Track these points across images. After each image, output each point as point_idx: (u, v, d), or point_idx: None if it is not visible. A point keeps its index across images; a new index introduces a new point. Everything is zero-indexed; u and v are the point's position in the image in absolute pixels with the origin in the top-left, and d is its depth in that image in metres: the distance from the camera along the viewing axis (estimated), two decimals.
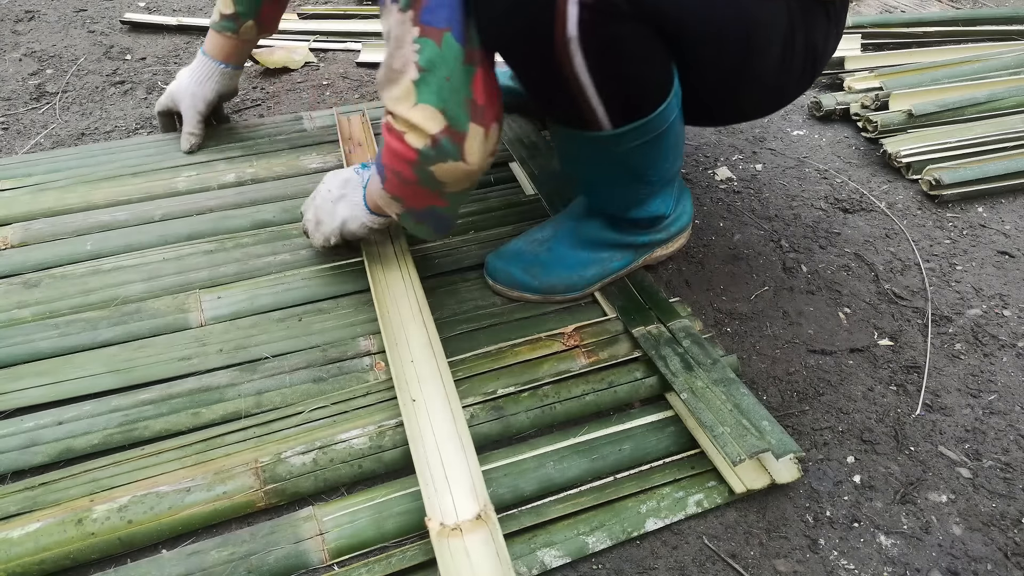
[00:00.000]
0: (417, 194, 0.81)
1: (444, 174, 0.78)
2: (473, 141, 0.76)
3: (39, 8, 1.66)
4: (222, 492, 0.72)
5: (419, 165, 0.77)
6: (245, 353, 0.87)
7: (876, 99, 1.37)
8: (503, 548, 0.66)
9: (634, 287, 0.96)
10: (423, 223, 0.87)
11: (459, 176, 0.78)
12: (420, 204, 0.83)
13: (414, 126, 0.74)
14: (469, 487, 0.71)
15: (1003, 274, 1.06)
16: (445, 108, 0.73)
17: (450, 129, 0.74)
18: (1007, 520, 0.75)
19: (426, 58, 0.71)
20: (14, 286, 0.94)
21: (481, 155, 0.77)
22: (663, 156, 0.86)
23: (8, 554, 0.66)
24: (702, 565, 0.71)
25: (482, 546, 0.66)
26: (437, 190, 0.80)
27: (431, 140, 0.75)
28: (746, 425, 0.76)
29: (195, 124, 1.18)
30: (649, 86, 0.78)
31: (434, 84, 0.72)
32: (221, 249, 1.01)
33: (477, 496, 0.70)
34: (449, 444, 0.74)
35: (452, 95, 0.73)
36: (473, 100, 0.74)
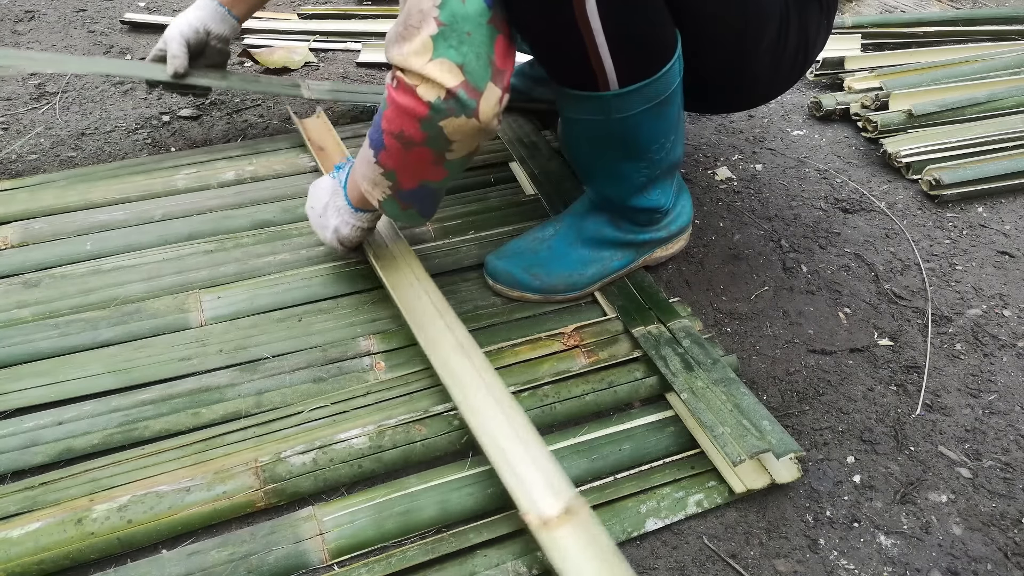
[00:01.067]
0: (416, 162, 0.78)
1: (454, 130, 0.74)
2: (490, 98, 0.73)
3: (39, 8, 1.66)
4: (222, 492, 0.72)
5: (429, 120, 0.73)
6: (245, 353, 0.87)
7: (876, 99, 1.37)
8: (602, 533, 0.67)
9: (634, 287, 0.96)
10: (410, 206, 0.84)
11: (469, 133, 0.75)
12: (413, 180, 0.80)
13: (428, 79, 0.71)
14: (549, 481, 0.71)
15: (1003, 274, 1.06)
16: (465, 63, 0.71)
17: (468, 84, 0.71)
18: (1007, 520, 0.75)
19: (448, 12, 0.69)
20: (14, 286, 0.94)
21: (494, 115, 0.74)
22: (665, 130, 0.86)
23: (8, 554, 0.66)
24: (702, 565, 0.71)
25: (585, 533, 0.67)
26: (441, 153, 0.77)
27: (446, 92, 0.71)
28: (746, 425, 0.76)
29: (178, 47, 1.11)
30: (656, 43, 0.79)
31: (454, 39, 0.70)
32: (221, 249, 1.01)
33: (558, 491, 0.70)
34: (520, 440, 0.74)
35: (473, 51, 0.71)
36: (493, 61, 0.72)
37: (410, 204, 0.84)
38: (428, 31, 0.70)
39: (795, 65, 0.90)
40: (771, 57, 0.86)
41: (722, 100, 0.99)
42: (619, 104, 0.82)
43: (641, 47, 0.79)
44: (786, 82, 0.94)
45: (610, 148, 0.88)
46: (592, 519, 0.68)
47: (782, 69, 0.89)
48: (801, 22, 0.85)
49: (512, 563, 0.68)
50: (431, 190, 0.83)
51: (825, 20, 0.89)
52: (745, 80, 0.92)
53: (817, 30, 0.87)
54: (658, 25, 0.78)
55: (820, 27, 0.88)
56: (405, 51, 0.71)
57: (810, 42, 0.87)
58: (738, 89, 0.95)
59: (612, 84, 0.80)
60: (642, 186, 0.91)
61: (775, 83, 0.94)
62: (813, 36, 0.87)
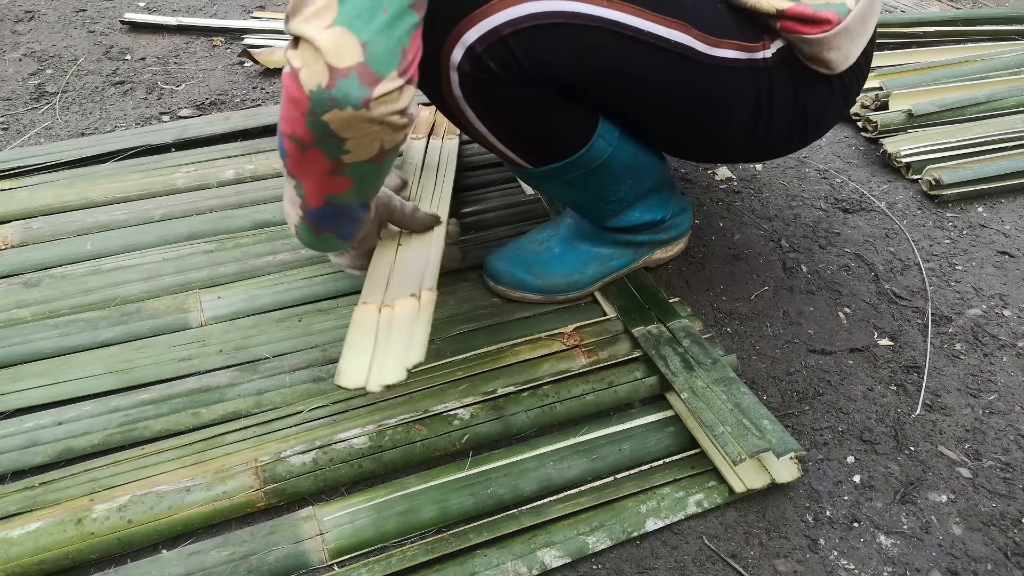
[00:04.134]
0: (313, 170, 0.65)
1: (342, 125, 0.60)
2: (389, 88, 0.58)
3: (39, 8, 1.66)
4: (222, 492, 0.72)
5: (311, 113, 0.59)
6: (245, 353, 0.87)
7: (876, 99, 1.37)
8: (426, 314, 0.73)
9: (634, 287, 0.96)
10: (324, 229, 0.73)
11: (362, 130, 0.61)
12: (317, 196, 0.68)
13: (316, 55, 0.56)
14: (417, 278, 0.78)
15: (1003, 274, 1.06)
16: (369, 41, 0.57)
17: (365, 67, 0.57)
18: (1007, 520, 0.75)
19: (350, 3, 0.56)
20: (14, 286, 0.94)
21: (388, 110, 0.60)
22: (612, 182, 0.86)
23: (8, 554, 0.66)
24: (702, 565, 0.71)
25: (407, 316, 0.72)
26: (336, 156, 0.63)
27: (329, 77, 0.57)
28: (746, 424, 0.76)
29: None
30: (555, 137, 0.79)
31: (363, 6, 0.56)
32: (221, 249, 1.01)
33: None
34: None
35: (383, 29, 0.57)
36: (405, 48, 0.59)
37: (322, 228, 0.73)
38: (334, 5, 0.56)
39: (791, 139, 0.87)
40: (746, 137, 0.83)
41: (701, 157, 0.97)
42: (547, 175, 0.83)
43: (539, 142, 0.79)
44: (779, 152, 0.91)
45: (563, 193, 0.90)
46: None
47: (769, 144, 0.86)
48: (798, 103, 0.81)
49: (512, 563, 0.68)
50: (339, 207, 0.71)
51: (841, 99, 0.85)
52: (716, 155, 0.94)
53: (825, 107, 0.84)
54: (549, 123, 0.77)
55: (830, 105, 0.84)
56: (304, 14, 0.57)
57: (812, 118, 0.84)
58: (711, 157, 0.96)
59: (527, 166, 0.82)
60: (616, 212, 0.91)
61: (761, 153, 0.92)
62: (818, 112, 0.84)
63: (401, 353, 0.70)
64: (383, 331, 0.73)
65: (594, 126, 0.79)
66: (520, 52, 0.69)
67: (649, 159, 0.87)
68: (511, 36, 0.68)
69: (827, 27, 0.74)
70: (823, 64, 0.77)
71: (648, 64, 0.73)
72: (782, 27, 0.75)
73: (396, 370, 0.68)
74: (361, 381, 0.67)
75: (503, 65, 0.70)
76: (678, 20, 0.72)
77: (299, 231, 0.75)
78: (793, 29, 0.74)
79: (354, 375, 0.68)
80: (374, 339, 0.72)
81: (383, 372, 0.68)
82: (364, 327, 0.73)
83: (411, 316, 0.74)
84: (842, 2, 0.74)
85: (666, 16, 0.72)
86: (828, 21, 0.74)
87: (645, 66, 0.74)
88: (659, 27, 0.72)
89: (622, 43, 0.71)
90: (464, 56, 0.69)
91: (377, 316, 0.75)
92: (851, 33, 0.76)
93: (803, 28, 0.74)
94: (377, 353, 0.70)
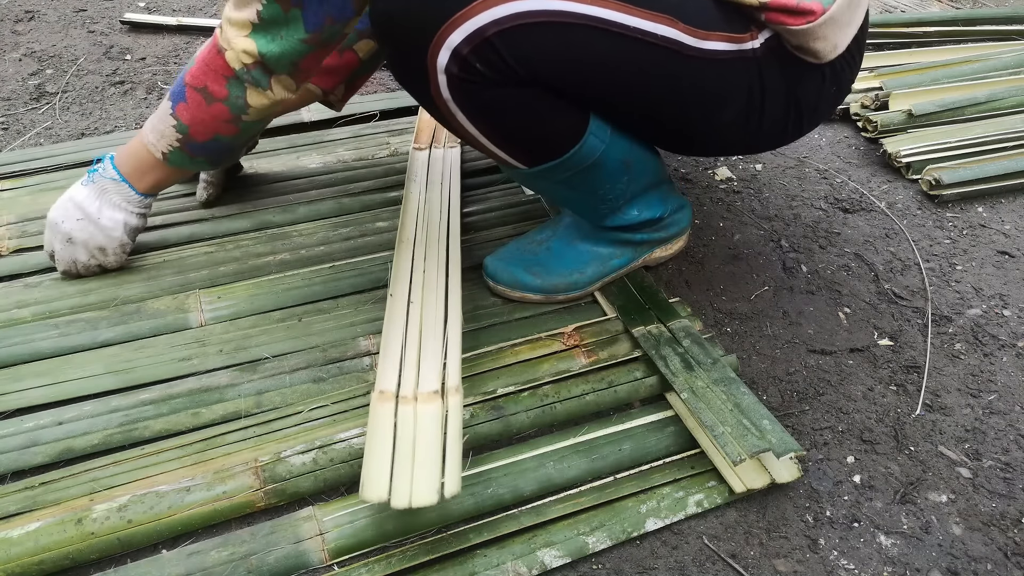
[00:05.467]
0: (212, 118, 0.83)
1: (253, 99, 0.81)
2: (283, 82, 0.81)
3: (39, 8, 1.66)
4: (222, 492, 0.72)
5: (233, 82, 0.80)
6: (245, 353, 0.87)
7: (876, 99, 1.37)
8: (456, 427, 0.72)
9: (634, 287, 0.96)
10: (198, 156, 0.87)
11: (262, 106, 0.82)
12: (206, 133, 0.84)
13: (237, 50, 0.77)
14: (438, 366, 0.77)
15: (1003, 274, 1.06)
16: (267, 53, 0.77)
17: (264, 66, 0.78)
18: (1007, 520, 0.75)
19: (268, 14, 0.74)
20: (14, 286, 0.94)
21: (284, 96, 0.82)
22: (607, 180, 0.86)
23: (8, 554, 0.66)
24: (702, 565, 0.71)
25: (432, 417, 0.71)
26: (238, 114, 0.82)
27: (245, 67, 0.78)
28: (746, 425, 0.76)
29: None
30: (546, 136, 0.79)
31: (267, 35, 0.76)
32: (221, 250, 1.01)
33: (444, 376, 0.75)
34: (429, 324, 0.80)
35: (281, 49, 0.77)
36: (297, 64, 0.79)
37: (199, 155, 0.87)
38: (250, 16, 0.75)
39: (786, 129, 0.86)
40: (741, 129, 0.83)
41: (697, 152, 0.98)
42: (541, 175, 0.83)
43: (530, 141, 0.79)
44: (774, 144, 0.91)
45: (557, 193, 0.90)
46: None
47: (763, 135, 0.86)
48: (790, 92, 0.81)
49: (512, 563, 0.68)
50: (224, 144, 0.86)
51: (834, 86, 0.84)
52: (711, 147, 0.94)
53: (818, 96, 0.84)
54: (540, 121, 0.77)
55: (823, 94, 0.84)
56: (233, 17, 0.76)
57: (805, 107, 0.84)
58: (706, 149, 0.96)
59: (521, 165, 0.82)
60: (613, 211, 0.91)
61: (757, 145, 0.92)
62: (812, 101, 0.84)
63: (431, 468, 0.67)
64: (405, 434, 0.71)
65: (585, 123, 0.79)
66: (506, 52, 0.69)
67: (644, 155, 0.87)
68: (496, 36, 0.68)
69: (811, 17, 0.73)
70: (811, 54, 0.77)
71: (636, 59, 0.73)
72: (767, 18, 0.75)
73: (428, 493, 0.65)
74: (384, 494, 0.65)
75: (490, 65, 0.70)
76: (664, 14, 0.72)
77: (170, 155, 0.87)
78: (778, 20, 0.74)
79: (378, 487, 0.66)
80: (394, 442, 0.70)
81: (413, 491, 0.65)
82: (383, 429, 0.71)
83: (436, 419, 0.72)
84: None
85: (652, 11, 0.72)
86: (812, 12, 0.73)
87: (633, 62, 0.74)
88: (645, 22, 0.71)
89: (609, 39, 0.71)
90: (450, 59, 0.69)
91: (395, 413, 0.73)
92: (838, 22, 0.75)
93: (787, 19, 0.74)
94: (401, 460, 0.68)
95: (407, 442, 0.70)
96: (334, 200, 1.11)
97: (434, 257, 0.93)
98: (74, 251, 0.91)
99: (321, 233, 1.05)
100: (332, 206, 1.10)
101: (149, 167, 0.89)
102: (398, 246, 0.95)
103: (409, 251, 0.94)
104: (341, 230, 1.06)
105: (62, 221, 0.90)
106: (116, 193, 0.90)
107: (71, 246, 0.91)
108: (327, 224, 1.07)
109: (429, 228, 0.97)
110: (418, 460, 0.69)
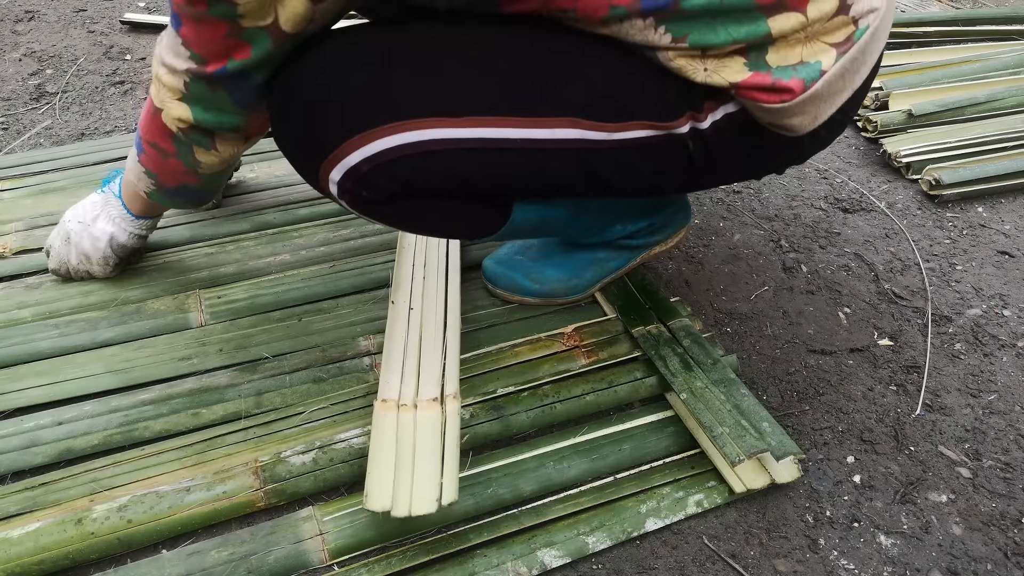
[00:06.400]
0: (172, 170, 0.79)
1: (201, 156, 0.76)
2: (226, 141, 0.75)
3: (39, 8, 1.66)
4: (222, 492, 0.72)
5: (177, 140, 0.75)
6: (245, 353, 0.87)
7: (876, 99, 1.37)
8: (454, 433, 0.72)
9: (634, 287, 0.96)
10: (176, 198, 0.85)
11: (213, 163, 0.77)
12: (172, 182, 0.81)
13: (171, 116, 0.72)
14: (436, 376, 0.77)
15: (1003, 274, 1.06)
16: (202, 120, 0.71)
17: (200, 129, 0.73)
18: (1007, 520, 0.75)
19: (195, 90, 0.69)
20: (15, 287, 0.94)
21: (234, 152, 0.77)
22: (563, 227, 0.84)
23: (8, 554, 0.66)
24: (702, 565, 0.71)
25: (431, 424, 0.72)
26: (191, 168, 0.78)
27: (181, 131, 0.73)
28: (745, 425, 0.76)
29: None
30: (467, 225, 0.76)
31: (199, 106, 0.71)
32: (222, 251, 1.01)
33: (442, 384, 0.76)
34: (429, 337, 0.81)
35: (218, 119, 0.72)
36: (238, 128, 0.73)
37: (176, 197, 0.85)
38: (179, 83, 0.68)
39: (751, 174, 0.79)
40: (693, 184, 0.78)
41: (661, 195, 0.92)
42: (488, 240, 0.82)
43: (455, 232, 0.78)
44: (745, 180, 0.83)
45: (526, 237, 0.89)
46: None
47: (724, 181, 0.80)
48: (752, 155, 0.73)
49: (512, 563, 0.68)
50: (194, 190, 0.83)
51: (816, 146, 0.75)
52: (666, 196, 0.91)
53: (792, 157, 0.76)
54: (449, 221, 0.74)
55: (799, 155, 0.76)
56: (165, 78, 0.69)
57: (775, 164, 0.77)
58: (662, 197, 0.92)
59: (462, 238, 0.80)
60: (591, 235, 0.90)
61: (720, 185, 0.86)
62: (785, 160, 0.77)
63: (430, 477, 0.68)
64: (406, 441, 0.71)
65: (508, 208, 0.76)
66: (387, 180, 0.66)
67: (589, 207, 0.83)
68: (371, 172, 0.65)
69: (787, 96, 0.64)
70: (784, 129, 0.69)
71: (537, 165, 0.68)
72: (737, 94, 0.66)
73: (427, 501, 0.67)
74: (388, 504, 0.66)
75: (378, 190, 0.67)
76: (563, 117, 0.65)
77: (151, 195, 0.85)
78: (750, 96, 0.66)
79: (382, 497, 0.67)
80: (396, 450, 0.71)
81: (412, 500, 0.67)
82: (386, 437, 0.72)
83: (435, 426, 0.73)
84: (817, 61, 0.64)
85: (547, 116, 0.65)
86: (790, 91, 0.64)
87: (535, 167, 0.68)
88: (538, 131, 0.66)
89: (505, 155, 0.66)
90: (339, 187, 0.67)
91: (397, 419, 0.74)
92: (821, 97, 0.66)
93: (761, 96, 0.65)
94: (402, 470, 0.69)
95: (407, 449, 0.71)
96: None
97: (434, 263, 0.93)
98: (67, 251, 0.92)
99: (321, 234, 1.05)
100: (332, 207, 1.10)
101: (138, 196, 0.89)
102: (399, 253, 0.95)
103: (410, 257, 0.94)
104: (341, 231, 1.06)
105: (68, 220, 0.92)
106: (114, 207, 0.91)
107: (66, 246, 0.92)
108: (327, 225, 1.07)
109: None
110: (418, 469, 0.69)
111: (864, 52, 0.67)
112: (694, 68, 0.64)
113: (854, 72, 0.68)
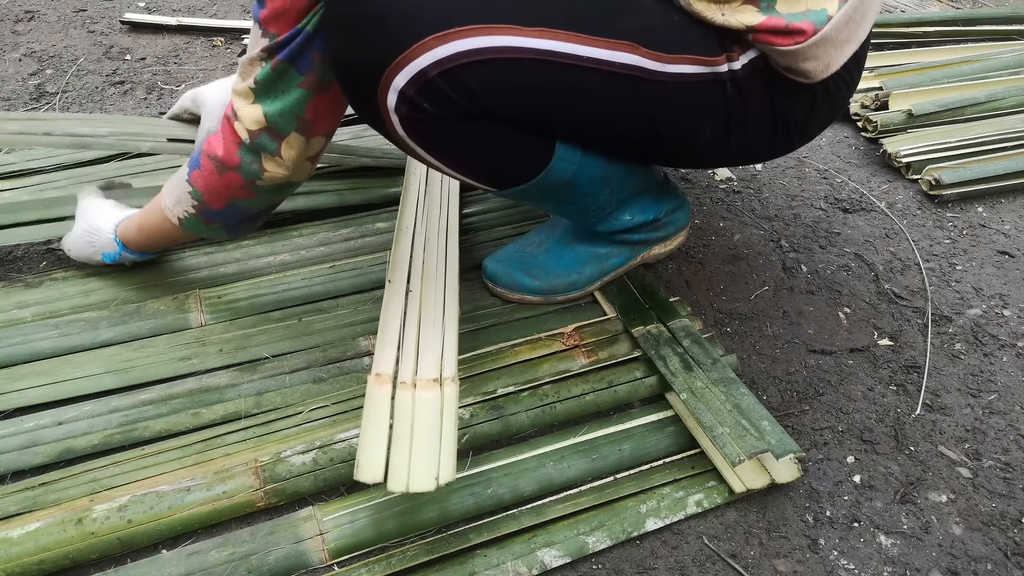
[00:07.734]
0: (226, 185, 0.80)
1: (266, 163, 0.78)
2: (292, 144, 0.77)
3: (39, 8, 1.66)
4: (222, 492, 0.72)
5: (244, 149, 0.77)
6: (245, 353, 0.87)
7: (876, 99, 1.37)
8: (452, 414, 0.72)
9: (634, 286, 0.96)
10: (215, 222, 0.85)
11: (276, 174, 0.79)
12: (220, 201, 0.82)
13: (245, 119, 0.76)
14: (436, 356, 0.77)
15: (1003, 274, 1.06)
16: (271, 112, 0.74)
17: (271, 130, 0.75)
18: (1007, 520, 0.75)
19: (262, 76, 0.73)
20: (15, 286, 0.94)
21: (296, 158, 0.78)
22: (587, 194, 0.84)
23: (8, 554, 0.66)
24: (702, 565, 0.71)
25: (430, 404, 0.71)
26: (252, 180, 0.79)
27: (252, 133, 0.76)
28: (745, 425, 0.76)
29: None
30: (509, 165, 0.78)
31: (269, 96, 0.74)
32: (221, 251, 1.01)
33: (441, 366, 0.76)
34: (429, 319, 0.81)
35: (283, 103, 0.74)
36: (301, 116, 0.75)
37: (215, 221, 0.84)
38: (249, 83, 0.74)
39: (773, 145, 0.83)
40: (722, 146, 0.81)
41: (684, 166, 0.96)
42: (513, 195, 0.83)
43: (493, 170, 0.78)
44: (762, 157, 0.89)
45: (542, 205, 0.89)
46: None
47: (749, 150, 0.84)
48: (776, 111, 0.78)
49: (512, 563, 0.68)
50: (240, 209, 0.83)
51: (827, 106, 0.81)
52: (696, 162, 0.93)
53: (808, 115, 0.81)
54: (500, 153, 0.76)
55: (813, 112, 0.81)
56: (238, 87, 0.75)
57: (795, 125, 0.81)
58: (692, 164, 0.95)
59: (490, 188, 0.81)
60: (602, 219, 0.90)
61: (744, 159, 0.90)
62: (802, 119, 0.81)
63: (428, 454, 0.68)
64: (403, 418, 0.71)
65: (551, 149, 0.77)
66: (451, 90, 0.67)
67: (624, 168, 0.85)
68: (439, 77, 0.66)
69: (800, 38, 0.70)
70: (800, 74, 0.73)
71: (595, 88, 0.71)
72: (754, 39, 0.71)
73: (426, 479, 0.66)
74: (379, 476, 0.66)
75: (438, 104, 0.68)
76: (624, 41, 0.69)
77: (186, 222, 0.84)
78: (766, 40, 0.71)
79: (373, 469, 0.66)
80: (391, 426, 0.70)
81: (411, 476, 0.66)
82: (379, 412, 0.72)
83: (434, 406, 0.72)
84: (823, 8, 0.70)
85: (610, 38, 0.69)
86: (802, 32, 0.69)
87: (592, 91, 0.71)
88: (601, 51, 0.69)
89: (562, 71, 0.69)
90: (398, 100, 0.68)
91: (392, 395, 0.73)
92: (831, 41, 0.72)
93: (775, 39, 0.70)
94: (398, 445, 0.68)
95: (405, 427, 0.70)
96: (336, 195, 1.11)
97: (433, 247, 0.92)
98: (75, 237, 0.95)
99: (321, 234, 1.05)
100: (332, 206, 1.10)
101: (155, 228, 0.88)
102: (397, 234, 0.94)
103: (408, 239, 0.93)
104: (341, 230, 1.06)
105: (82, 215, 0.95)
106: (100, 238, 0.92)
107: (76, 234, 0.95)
108: (327, 225, 1.07)
109: (429, 218, 0.97)
110: (416, 446, 0.69)
111: (863, 3, 0.73)
112: (712, 12, 0.70)
113: (857, 23, 0.74)
